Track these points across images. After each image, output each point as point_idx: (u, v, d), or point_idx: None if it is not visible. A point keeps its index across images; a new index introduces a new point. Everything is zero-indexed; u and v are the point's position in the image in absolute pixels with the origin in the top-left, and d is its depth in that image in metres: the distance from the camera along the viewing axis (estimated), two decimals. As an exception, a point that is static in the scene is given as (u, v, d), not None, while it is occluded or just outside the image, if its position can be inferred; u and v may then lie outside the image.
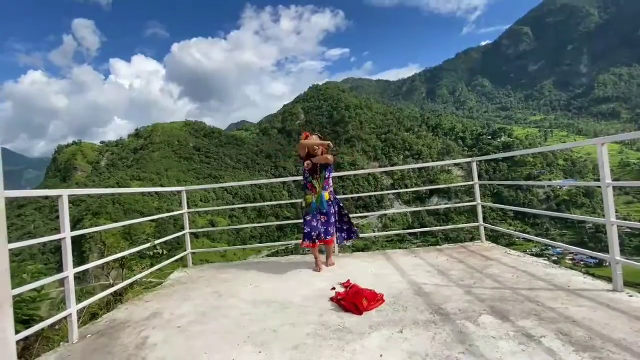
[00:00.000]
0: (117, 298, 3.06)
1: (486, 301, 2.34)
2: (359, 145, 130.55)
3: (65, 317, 2.36)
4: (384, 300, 2.52)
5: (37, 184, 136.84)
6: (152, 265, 3.59)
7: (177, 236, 4.23)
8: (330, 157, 3.64)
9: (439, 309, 2.29)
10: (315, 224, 3.56)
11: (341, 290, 2.87)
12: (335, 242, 3.78)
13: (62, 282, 3.25)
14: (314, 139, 3.68)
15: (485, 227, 4.21)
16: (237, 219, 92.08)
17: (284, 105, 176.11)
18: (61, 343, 2.34)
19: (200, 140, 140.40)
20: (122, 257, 3.24)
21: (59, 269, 2.66)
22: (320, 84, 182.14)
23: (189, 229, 4.31)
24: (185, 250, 4.26)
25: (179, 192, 4.29)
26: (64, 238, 2.32)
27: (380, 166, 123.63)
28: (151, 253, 3.43)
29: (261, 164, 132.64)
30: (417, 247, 4.71)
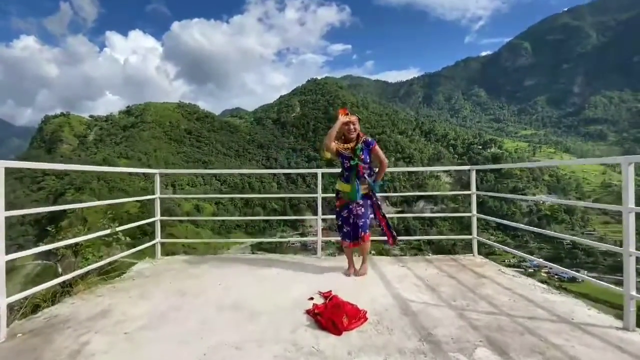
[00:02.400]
0: (66, 290, 2.68)
1: (481, 329, 2.08)
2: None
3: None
4: (366, 319, 2.23)
5: (20, 153, 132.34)
6: (114, 254, 3.22)
7: (148, 222, 3.84)
8: (384, 163, 3.15)
9: (428, 335, 2.01)
10: (351, 220, 3.15)
11: (320, 301, 2.57)
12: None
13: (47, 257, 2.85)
14: (354, 119, 3.08)
15: (479, 241, 3.97)
16: (223, 206, 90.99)
17: (281, 96, 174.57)
18: (-17, 341, 1.98)
19: (193, 124, 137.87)
20: (76, 244, 2.86)
21: (36, 242, 2.31)
22: (319, 78, 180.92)
23: (161, 215, 3.93)
24: (154, 239, 3.89)
25: (154, 174, 3.89)
26: (-4, 219, 1.94)
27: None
28: (111, 239, 3.04)
29: (253, 154, 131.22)
30: (401, 250, 4.46)
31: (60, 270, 2.75)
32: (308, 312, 2.36)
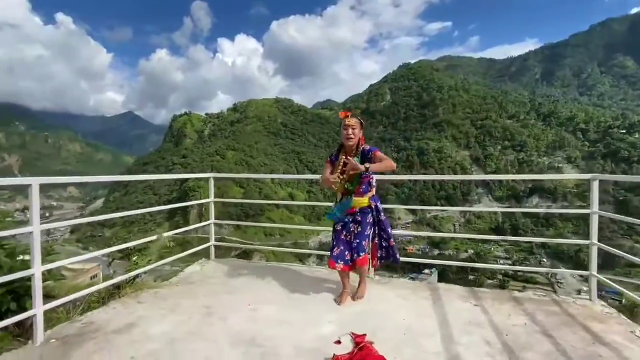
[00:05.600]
0: (115, 292, 2.84)
1: None
2: (448, 131, 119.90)
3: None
4: (397, 394, 1.65)
5: (157, 146, 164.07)
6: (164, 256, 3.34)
7: (203, 226, 3.92)
8: (390, 162, 2.50)
9: None
10: (345, 237, 2.70)
11: (349, 346, 2.08)
12: (369, 262, 2.89)
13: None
14: (353, 122, 2.61)
15: (599, 280, 2.80)
16: (314, 194, 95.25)
17: (371, 85, 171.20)
18: (29, 341, 2.14)
19: (288, 117, 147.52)
20: (127, 248, 3.02)
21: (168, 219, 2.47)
22: (412, 62, 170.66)
23: (215, 218, 3.96)
24: (208, 242, 3.95)
25: (208, 178, 3.93)
26: (32, 232, 2.06)
27: (471, 156, 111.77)
28: (161, 246, 3.15)
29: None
30: (506, 252, 3.53)
31: (111, 272, 2.94)
32: (328, 365, 1.90)
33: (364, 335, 2.20)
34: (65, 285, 2.76)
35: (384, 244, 2.87)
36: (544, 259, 64.84)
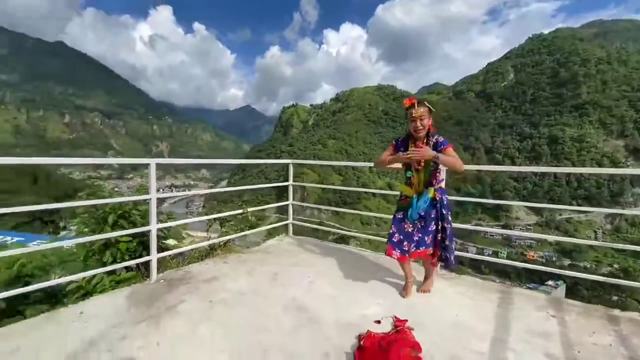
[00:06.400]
0: (210, 252, 3.54)
1: None
2: (594, 115, 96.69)
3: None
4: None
5: (269, 136, 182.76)
6: (250, 228, 3.95)
7: (282, 205, 4.43)
8: (460, 162, 2.33)
9: None
10: (407, 227, 2.57)
11: (386, 327, 2.15)
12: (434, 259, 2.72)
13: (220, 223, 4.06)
14: (421, 112, 2.39)
15: None
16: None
17: (489, 64, 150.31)
18: (147, 279, 2.92)
19: (389, 105, 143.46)
20: (222, 218, 3.69)
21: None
22: (545, 32, 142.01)
23: (293, 199, 4.41)
24: (287, 219, 4.44)
25: (287, 164, 4.40)
26: (151, 199, 2.79)
27: (626, 146, 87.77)
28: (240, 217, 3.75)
29: (449, 132, 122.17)
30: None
31: (209, 236, 3.65)
32: (360, 338, 2.03)
33: (406, 320, 2.22)
34: (180, 244, 3.59)
35: (447, 242, 2.61)
36: None
